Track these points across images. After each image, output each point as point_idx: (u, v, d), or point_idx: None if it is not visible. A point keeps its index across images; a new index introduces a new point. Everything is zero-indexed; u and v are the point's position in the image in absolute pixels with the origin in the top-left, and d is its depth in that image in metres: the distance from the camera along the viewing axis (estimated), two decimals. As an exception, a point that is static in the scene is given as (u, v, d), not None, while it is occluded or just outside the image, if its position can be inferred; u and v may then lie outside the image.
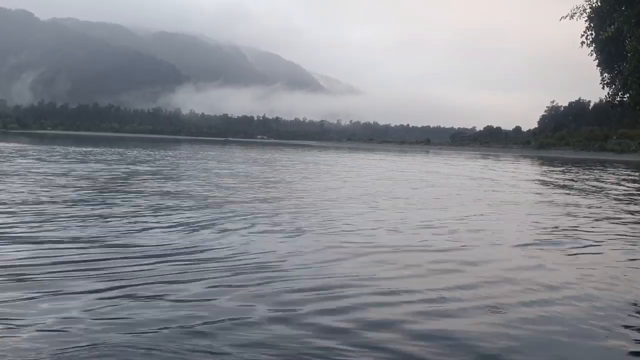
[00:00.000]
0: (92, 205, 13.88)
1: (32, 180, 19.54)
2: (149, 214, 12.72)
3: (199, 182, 21.68)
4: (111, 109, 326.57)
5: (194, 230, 10.73)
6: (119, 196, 16.03)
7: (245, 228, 11.18)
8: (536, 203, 19.47)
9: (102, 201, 14.70)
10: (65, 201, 14.34)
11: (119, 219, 11.80)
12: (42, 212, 12.19)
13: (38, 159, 33.33)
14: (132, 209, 13.33)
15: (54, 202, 14.00)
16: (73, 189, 17.41)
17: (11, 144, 58.68)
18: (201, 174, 26.50)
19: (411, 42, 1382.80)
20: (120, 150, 56.36)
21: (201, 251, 8.84)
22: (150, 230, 10.58)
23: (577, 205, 18.30)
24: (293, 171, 33.20)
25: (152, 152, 54.00)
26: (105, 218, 11.87)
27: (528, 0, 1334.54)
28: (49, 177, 20.92)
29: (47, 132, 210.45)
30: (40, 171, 23.80)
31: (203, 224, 11.48)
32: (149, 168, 30.24)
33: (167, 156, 47.23)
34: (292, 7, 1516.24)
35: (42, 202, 13.91)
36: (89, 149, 54.17)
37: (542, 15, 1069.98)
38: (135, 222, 11.41)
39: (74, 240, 9.43)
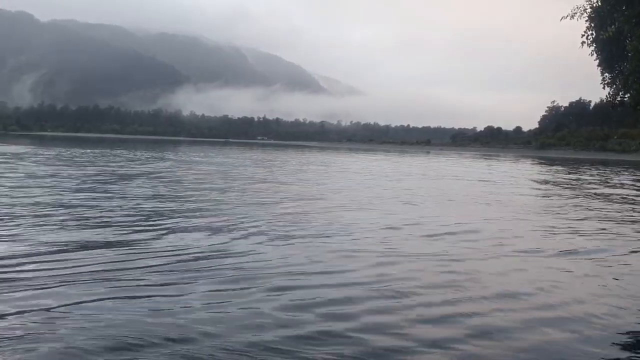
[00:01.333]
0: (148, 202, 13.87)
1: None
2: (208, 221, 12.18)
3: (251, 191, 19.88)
4: (111, 111, 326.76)
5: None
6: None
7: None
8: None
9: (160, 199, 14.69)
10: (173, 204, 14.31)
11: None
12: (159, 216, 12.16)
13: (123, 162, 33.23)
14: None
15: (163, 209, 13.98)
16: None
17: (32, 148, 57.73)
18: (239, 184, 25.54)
19: (411, 42, 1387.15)
20: (146, 153, 56.38)
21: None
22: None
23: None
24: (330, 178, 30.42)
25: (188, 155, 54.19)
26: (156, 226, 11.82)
27: (532, 2, 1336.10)
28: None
29: (48, 133, 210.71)
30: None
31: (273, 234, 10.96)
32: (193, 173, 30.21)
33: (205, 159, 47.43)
34: (292, 7, 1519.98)
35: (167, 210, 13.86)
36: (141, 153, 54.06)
37: (542, 15, 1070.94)
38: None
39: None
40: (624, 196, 23.26)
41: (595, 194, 23.88)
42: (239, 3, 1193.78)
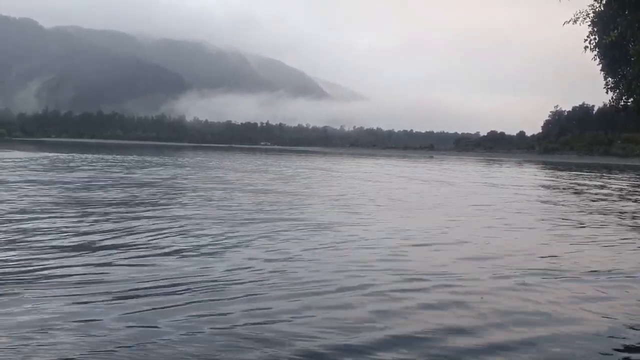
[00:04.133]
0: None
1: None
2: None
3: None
4: (115, 117, 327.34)
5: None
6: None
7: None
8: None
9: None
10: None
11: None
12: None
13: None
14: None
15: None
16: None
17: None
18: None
19: (415, 47, 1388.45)
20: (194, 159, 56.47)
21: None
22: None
23: None
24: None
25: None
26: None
27: (533, 4, 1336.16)
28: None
29: (52, 139, 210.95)
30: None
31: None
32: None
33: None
34: (295, 13, 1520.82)
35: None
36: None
37: (546, 18, 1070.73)
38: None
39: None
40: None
41: (613, 202, 23.52)
42: (242, 9, 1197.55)
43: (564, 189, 30.67)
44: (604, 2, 10.72)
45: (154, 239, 10.51)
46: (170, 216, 13.68)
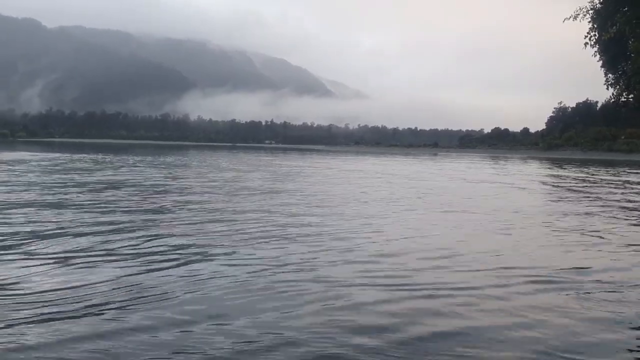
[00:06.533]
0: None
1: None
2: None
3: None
4: (119, 116, 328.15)
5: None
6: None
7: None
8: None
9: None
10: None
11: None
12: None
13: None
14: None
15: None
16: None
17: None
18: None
19: (418, 46, 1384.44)
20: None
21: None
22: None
23: None
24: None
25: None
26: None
27: (534, 0, 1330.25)
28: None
29: (56, 140, 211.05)
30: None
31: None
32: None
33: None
34: (300, 13, 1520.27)
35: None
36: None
37: (548, 15, 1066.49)
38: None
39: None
40: None
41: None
42: (246, 9, 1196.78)
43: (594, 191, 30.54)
44: (602, -2, 10.73)
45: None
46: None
